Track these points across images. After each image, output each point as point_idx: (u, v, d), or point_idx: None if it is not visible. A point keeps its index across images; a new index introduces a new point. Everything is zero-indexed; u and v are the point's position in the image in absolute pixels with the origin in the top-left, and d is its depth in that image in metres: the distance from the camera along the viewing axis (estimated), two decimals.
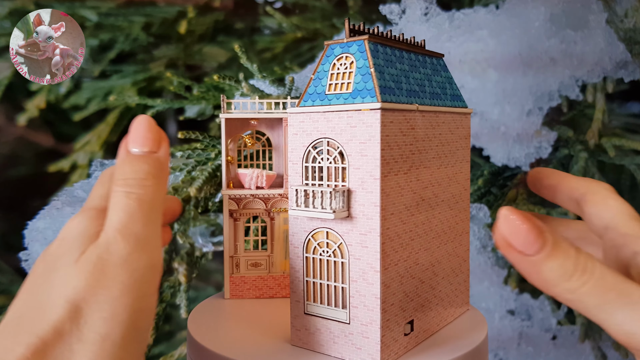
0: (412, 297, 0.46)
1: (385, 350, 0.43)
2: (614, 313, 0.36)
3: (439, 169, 0.50)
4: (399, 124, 0.44)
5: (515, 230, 0.39)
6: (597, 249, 0.47)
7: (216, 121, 0.73)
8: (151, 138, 0.43)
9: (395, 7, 0.76)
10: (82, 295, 0.36)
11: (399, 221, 0.44)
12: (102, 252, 0.38)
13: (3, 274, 0.94)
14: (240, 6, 0.98)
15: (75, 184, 0.69)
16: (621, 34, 0.75)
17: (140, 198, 0.40)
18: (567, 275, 0.37)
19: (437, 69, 0.53)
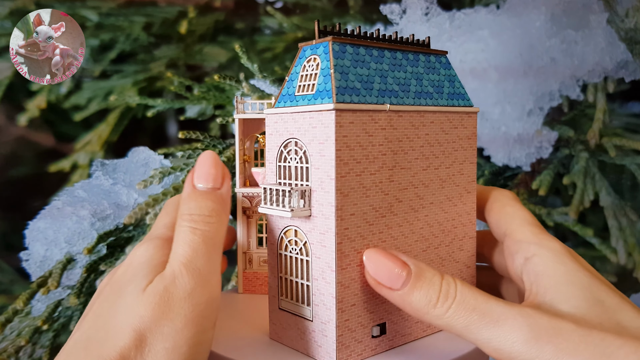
0: (385, 300, 0.45)
1: (343, 350, 0.44)
2: (479, 332, 0.39)
3: (426, 170, 0.48)
4: (363, 124, 0.44)
5: (380, 268, 0.42)
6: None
7: (217, 121, 0.73)
8: (215, 175, 0.46)
9: (395, 7, 0.76)
10: (147, 325, 0.38)
11: (363, 222, 0.44)
12: (168, 284, 0.39)
13: (4, 273, 0.94)
14: (240, 6, 0.98)
15: (75, 183, 0.69)
16: (622, 33, 0.75)
17: (204, 234, 0.42)
18: (433, 303, 0.41)
19: (434, 66, 0.51)
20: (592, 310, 0.39)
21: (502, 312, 0.39)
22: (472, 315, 0.39)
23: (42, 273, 0.65)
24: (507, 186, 0.82)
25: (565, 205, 0.79)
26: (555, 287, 0.41)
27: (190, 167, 0.68)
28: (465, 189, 0.52)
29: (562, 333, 0.37)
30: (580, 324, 0.38)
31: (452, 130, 0.51)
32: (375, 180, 0.45)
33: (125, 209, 0.67)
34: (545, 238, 0.45)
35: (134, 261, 0.43)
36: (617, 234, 0.77)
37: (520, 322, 0.38)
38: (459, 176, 0.51)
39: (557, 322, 0.38)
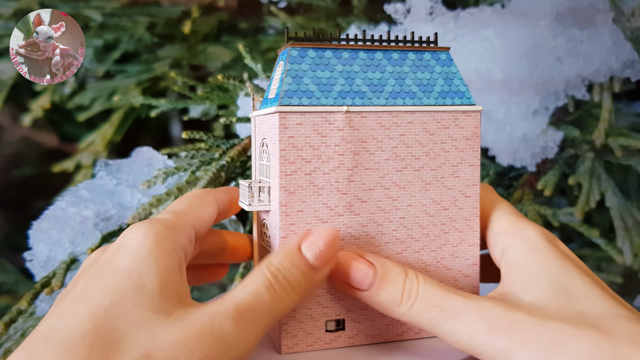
0: (342, 297, 0.47)
1: (289, 339, 0.47)
2: (441, 327, 0.41)
3: (401, 171, 0.48)
4: (314, 125, 0.46)
5: (347, 271, 0.44)
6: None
7: (220, 121, 0.73)
8: (326, 257, 0.43)
9: (400, 6, 0.76)
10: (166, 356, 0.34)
11: (314, 219, 0.47)
12: (212, 329, 0.36)
13: (8, 274, 0.94)
14: (244, 6, 0.97)
15: (79, 184, 0.69)
16: (628, 33, 0.74)
17: (274, 300, 0.40)
18: (397, 302, 0.42)
19: (427, 64, 0.50)
20: (554, 300, 0.41)
21: (461, 307, 0.41)
22: (433, 311, 0.41)
23: (46, 273, 0.65)
24: (512, 186, 0.82)
25: (571, 206, 0.79)
26: (522, 278, 0.43)
27: (193, 167, 0.68)
28: (461, 193, 0.50)
29: (516, 324, 0.39)
30: (537, 314, 0.40)
31: (440, 131, 0.49)
32: (330, 179, 0.47)
33: (128, 209, 0.67)
34: (521, 227, 0.46)
35: (130, 247, 0.39)
36: (623, 234, 0.76)
37: (477, 316, 0.40)
38: (451, 179, 0.50)
39: (511, 314, 0.40)
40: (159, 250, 0.39)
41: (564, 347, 0.38)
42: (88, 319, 0.34)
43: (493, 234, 0.48)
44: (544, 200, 0.80)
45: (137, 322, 0.35)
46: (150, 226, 0.40)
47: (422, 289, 0.42)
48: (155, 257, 0.38)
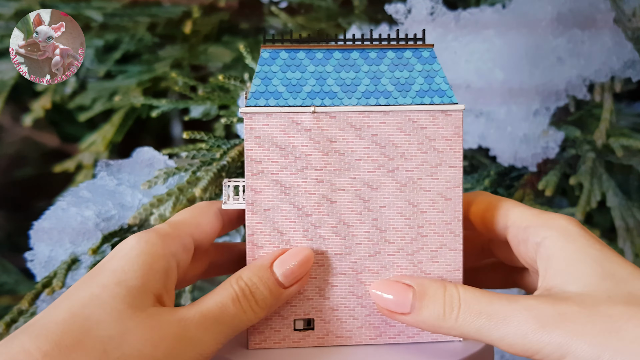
0: (311, 297, 0.48)
1: (257, 335, 0.48)
2: (491, 333, 0.40)
3: (373, 172, 0.48)
4: (281, 126, 0.47)
5: (387, 299, 0.44)
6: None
7: (221, 122, 0.73)
8: (296, 276, 0.45)
9: (401, 6, 0.76)
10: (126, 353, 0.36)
11: (281, 218, 0.48)
12: (177, 330, 0.38)
13: (9, 274, 0.94)
14: (245, 6, 0.97)
15: (80, 184, 0.69)
16: (629, 33, 0.74)
17: (239, 313, 0.42)
18: (441, 317, 0.42)
19: (406, 62, 0.49)
20: (602, 285, 0.40)
21: (508, 310, 0.40)
22: (480, 319, 0.40)
23: (47, 273, 0.66)
24: (513, 187, 0.82)
25: (572, 206, 0.79)
26: (565, 268, 0.42)
27: (194, 168, 0.68)
28: (441, 196, 0.48)
29: (568, 317, 0.38)
30: (587, 303, 0.39)
31: (416, 131, 0.48)
32: (298, 179, 0.48)
33: (129, 210, 0.67)
34: (550, 218, 0.45)
35: (121, 251, 0.41)
36: (625, 234, 0.76)
37: (526, 315, 0.39)
38: (429, 181, 0.48)
39: (561, 307, 0.39)
40: (147, 253, 0.41)
41: (621, 331, 0.37)
42: (66, 309, 0.37)
43: (521, 230, 0.46)
44: (545, 201, 0.80)
45: (110, 311, 0.37)
46: (143, 234, 0.43)
47: (464, 299, 0.42)
48: (143, 259, 0.41)
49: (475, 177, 0.83)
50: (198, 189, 0.65)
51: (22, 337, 0.35)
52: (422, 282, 0.44)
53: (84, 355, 0.35)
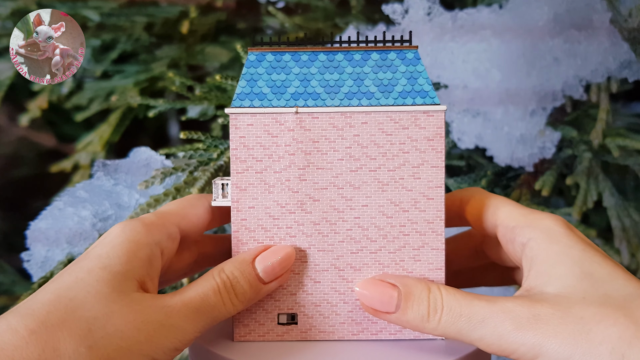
0: (294, 292, 0.49)
1: (242, 328, 0.49)
2: (471, 334, 0.42)
3: (356, 171, 0.49)
4: (265, 126, 0.49)
5: (372, 297, 0.45)
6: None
7: (218, 122, 0.73)
8: (276, 273, 0.46)
9: (398, 6, 0.76)
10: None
11: (265, 215, 0.49)
12: (159, 316, 0.40)
13: (5, 274, 0.94)
14: (242, 6, 0.97)
15: (77, 184, 0.69)
16: (625, 33, 0.75)
17: (219, 304, 0.43)
18: (425, 318, 0.43)
19: (390, 64, 0.50)
20: (578, 286, 0.41)
21: (486, 312, 0.41)
22: (460, 321, 0.42)
23: (43, 274, 0.65)
24: (509, 187, 0.82)
25: (569, 206, 0.79)
26: (545, 270, 0.43)
27: (191, 168, 0.68)
28: (423, 195, 0.49)
29: (541, 318, 0.40)
30: (561, 305, 0.40)
31: (398, 131, 0.48)
32: (281, 178, 0.49)
33: (126, 210, 0.67)
34: (536, 218, 0.46)
35: (106, 238, 0.43)
36: (621, 234, 0.77)
37: (503, 317, 0.41)
38: (411, 180, 0.49)
39: (536, 309, 0.40)
40: (131, 241, 0.42)
41: (591, 333, 0.38)
42: (52, 291, 0.39)
43: (508, 230, 0.47)
44: (542, 201, 0.81)
45: (95, 294, 0.38)
46: (128, 222, 0.44)
47: (446, 301, 0.43)
48: (127, 246, 0.42)
49: (472, 177, 0.83)
50: (195, 189, 0.65)
51: (9, 317, 0.37)
52: (406, 282, 0.45)
53: (69, 333, 0.36)
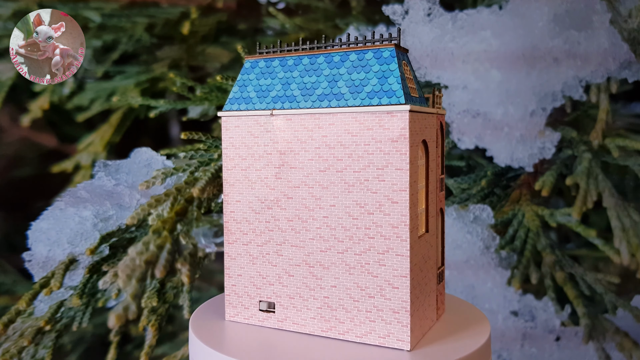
0: (273, 283, 0.52)
1: (232, 309, 0.54)
2: None
3: (324, 171, 0.49)
4: (249, 127, 0.53)
5: None
6: None
7: (219, 122, 0.73)
8: None
9: (398, 7, 0.76)
10: None
11: (249, 209, 0.53)
12: None
13: (7, 274, 0.94)
14: (243, 7, 0.98)
15: (78, 184, 0.70)
16: (625, 34, 0.75)
17: None
18: None
19: (365, 64, 0.49)
20: None
21: None
22: None
23: (44, 274, 0.66)
24: (509, 187, 0.82)
25: (568, 206, 0.79)
26: None
27: (192, 168, 0.68)
28: (387, 198, 0.47)
29: None
30: None
31: (363, 132, 0.48)
32: (261, 175, 0.52)
33: (127, 210, 0.67)
34: None
35: None
36: (621, 234, 0.77)
37: None
38: (376, 182, 0.48)
39: None
40: None
41: None
42: None
43: None
44: (542, 201, 0.81)
45: None
46: None
47: None
48: None
49: (472, 178, 0.83)
50: (196, 189, 0.65)
51: None
52: None
53: None
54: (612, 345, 0.76)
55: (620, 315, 0.77)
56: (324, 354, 0.47)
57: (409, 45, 0.75)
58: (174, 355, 0.68)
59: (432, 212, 0.53)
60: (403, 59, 0.50)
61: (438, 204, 0.55)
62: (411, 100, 0.48)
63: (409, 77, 0.50)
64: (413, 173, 0.47)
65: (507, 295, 0.77)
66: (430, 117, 0.51)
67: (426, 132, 0.50)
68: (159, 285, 0.65)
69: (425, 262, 0.50)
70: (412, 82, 0.51)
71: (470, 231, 0.75)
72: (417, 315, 0.49)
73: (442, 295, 0.55)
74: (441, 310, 0.55)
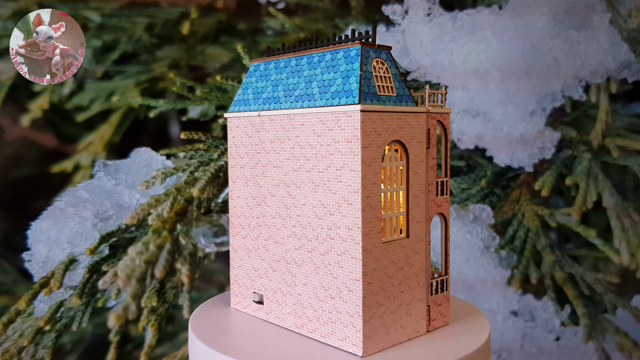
0: (262, 276, 0.54)
1: (235, 297, 0.58)
2: None
3: (297, 171, 0.50)
4: (245, 128, 0.55)
5: None
6: None
7: (219, 122, 0.73)
8: None
9: (398, 7, 0.76)
10: None
11: (245, 205, 0.56)
12: None
13: (6, 274, 0.94)
14: (242, 7, 0.98)
15: (78, 184, 0.70)
16: (624, 34, 0.75)
17: None
18: None
19: (336, 64, 0.49)
20: None
21: None
22: None
23: (44, 274, 0.66)
24: (509, 187, 0.82)
25: (568, 206, 0.79)
26: None
27: (192, 168, 0.68)
28: (344, 199, 0.46)
29: None
30: None
31: (325, 132, 0.48)
32: (253, 173, 0.55)
33: (127, 210, 0.67)
34: None
35: None
36: (620, 234, 0.77)
37: None
38: (336, 183, 0.47)
39: None
40: None
41: None
42: None
43: None
44: (541, 201, 0.81)
45: None
46: None
47: None
48: None
49: (472, 178, 0.83)
50: (196, 189, 0.65)
51: None
52: None
53: None
54: (612, 345, 0.76)
55: (620, 315, 0.77)
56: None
57: (409, 45, 0.75)
58: (173, 355, 0.68)
59: (418, 217, 0.50)
60: (377, 57, 0.48)
61: (431, 209, 0.51)
62: (376, 100, 0.47)
63: (383, 75, 0.48)
64: (372, 174, 0.46)
65: (507, 295, 0.77)
66: (410, 116, 0.49)
67: (403, 132, 0.48)
68: (158, 285, 0.65)
69: (399, 269, 0.48)
70: (390, 80, 0.48)
71: (470, 231, 0.75)
72: (380, 322, 0.47)
73: (441, 307, 0.52)
74: (439, 321, 0.52)
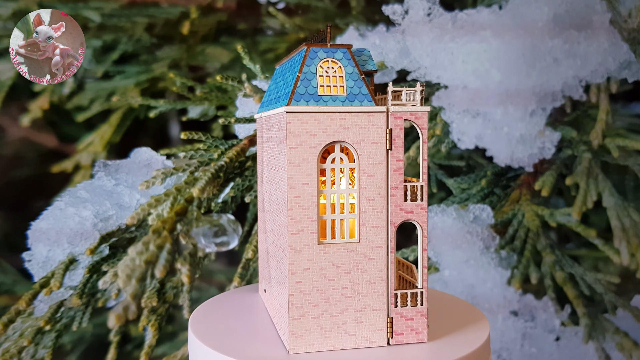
0: (264, 268, 0.57)
1: (260, 284, 0.60)
2: None
3: (272, 169, 0.52)
4: (258, 129, 0.59)
5: None
6: None
7: (219, 122, 0.73)
8: None
9: (398, 7, 0.76)
10: None
11: (262, 203, 0.58)
12: None
13: (6, 274, 0.94)
14: (243, 7, 0.98)
15: (78, 184, 0.70)
16: (625, 34, 0.75)
17: None
18: None
19: (293, 66, 0.50)
20: None
21: None
22: None
23: (44, 274, 0.66)
24: (509, 187, 0.82)
25: (568, 206, 0.79)
26: None
27: (192, 168, 0.68)
28: (282, 199, 0.47)
29: None
30: None
31: (277, 133, 0.49)
32: (262, 174, 0.57)
33: (127, 210, 0.67)
34: None
35: None
36: (620, 234, 0.77)
37: None
38: (280, 183, 0.48)
39: None
40: None
41: None
42: None
43: None
44: (542, 201, 0.81)
45: None
46: None
47: None
48: None
49: (472, 178, 0.83)
50: (196, 189, 0.65)
51: None
52: None
53: None
54: (612, 345, 0.76)
55: (620, 315, 0.77)
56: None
57: (409, 45, 0.75)
58: (173, 355, 0.68)
59: (374, 222, 0.48)
60: (330, 56, 0.47)
61: (395, 215, 0.48)
62: (315, 101, 0.46)
63: (332, 75, 0.47)
64: (302, 175, 0.46)
65: (507, 295, 0.77)
66: (360, 116, 0.47)
67: (348, 132, 0.47)
68: (158, 285, 0.65)
69: (344, 273, 0.47)
70: (341, 79, 0.47)
71: (470, 231, 0.75)
72: (315, 324, 0.46)
73: (412, 321, 0.49)
74: (408, 337, 0.49)
